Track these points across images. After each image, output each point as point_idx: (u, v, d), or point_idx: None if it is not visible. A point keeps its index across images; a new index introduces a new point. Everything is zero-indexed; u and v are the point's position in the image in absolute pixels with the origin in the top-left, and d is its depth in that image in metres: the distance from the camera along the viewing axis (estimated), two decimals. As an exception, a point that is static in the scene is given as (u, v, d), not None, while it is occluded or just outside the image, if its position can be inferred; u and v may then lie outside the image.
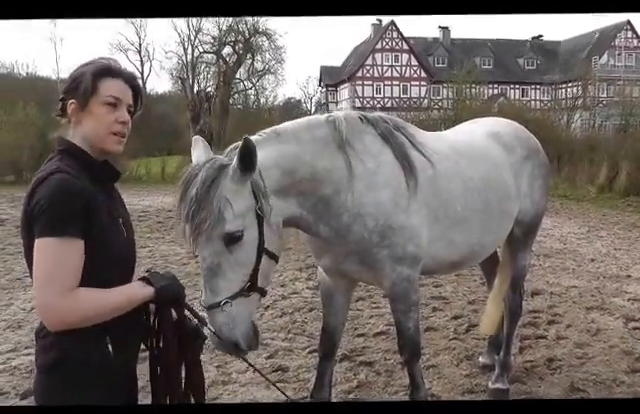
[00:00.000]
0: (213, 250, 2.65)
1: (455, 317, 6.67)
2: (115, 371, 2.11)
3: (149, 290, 2.13)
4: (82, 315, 1.96)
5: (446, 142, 4.11)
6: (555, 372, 5.15)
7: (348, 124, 3.43)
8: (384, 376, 5.06)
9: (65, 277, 1.92)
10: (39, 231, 1.93)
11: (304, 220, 3.31)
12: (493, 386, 4.68)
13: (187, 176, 2.72)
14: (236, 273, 2.70)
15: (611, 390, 4.81)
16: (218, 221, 2.60)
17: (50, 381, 2.06)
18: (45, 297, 1.92)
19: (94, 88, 2.10)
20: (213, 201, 2.60)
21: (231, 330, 2.67)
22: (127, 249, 2.22)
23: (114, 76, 2.15)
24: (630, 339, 5.95)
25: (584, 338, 5.97)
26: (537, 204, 4.56)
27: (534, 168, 4.53)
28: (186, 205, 2.62)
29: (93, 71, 2.12)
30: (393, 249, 3.52)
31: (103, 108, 2.11)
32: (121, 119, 2.15)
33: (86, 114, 2.11)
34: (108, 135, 2.13)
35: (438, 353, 5.57)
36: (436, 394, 4.67)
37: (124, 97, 2.17)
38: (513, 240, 4.57)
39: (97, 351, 2.05)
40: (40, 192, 1.95)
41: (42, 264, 1.92)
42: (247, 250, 2.74)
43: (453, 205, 3.82)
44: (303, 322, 6.51)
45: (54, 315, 1.94)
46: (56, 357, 2.02)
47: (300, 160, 3.17)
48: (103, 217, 2.07)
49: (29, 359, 5.33)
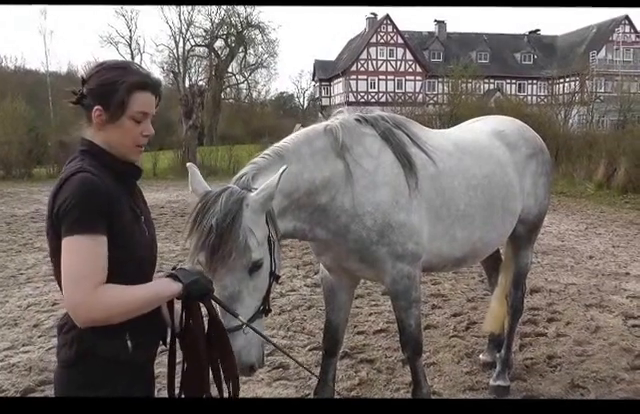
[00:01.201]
0: (235, 278, 2.67)
1: (454, 315, 6.67)
2: (136, 366, 2.14)
3: (177, 286, 2.13)
4: (113, 311, 1.96)
5: (450, 140, 4.12)
6: (555, 369, 5.16)
7: (346, 130, 3.46)
8: (385, 373, 5.06)
9: (95, 274, 1.93)
10: (66, 230, 1.93)
11: (299, 230, 3.35)
12: (494, 383, 4.69)
13: (202, 205, 2.73)
14: (253, 298, 2.74)
15: (611, 387, 4.83)
16: (245, 251, 2.65)
17: (72, 375, 2.08)
18: (76, 294, 1.92)
19: (127, 103, 2.08)
20: (239, 233, 2.64)
21: (249, 353, 2.72)
22: (149, 247, 2.23)
23: (145, 89, 2.13)
24: (630, 336, 5.96)
25: (583, 335, 5.98)
26: (540, 202, 4.58)
27: (538, 166, 4.55)
28: (203, 235, 2.63)
29: (129, 85, 2.08)
30: (393, 247, 3.55)
31: (131, 122, 2.10)
32: (146, 132, 2.15)
33: (114, 126, 2.10)
34: (133, 148, 2.14)
35: (438, 351, 5.58)
36: (437, 391, 4.68)
37: (151, 110, 2.16)
38: (516, 238, 4.59)
39: (118, 346, 2.07)
40: (64, 192, 1.96)
41: (71, 262, 1.92)
42: (263, 276, 2.79)
43: (456, 203, 3.83)
44: (302, 319, 6.51)
45: (85, 312, 1.93)
46: (78, 352, 2.04)
47: (300, 179, 3.21)
48: (126, 216, 2.08)
49: (27, 357, 5.34)
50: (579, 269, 8.87)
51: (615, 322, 6.41)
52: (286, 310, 6.81)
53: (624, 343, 5.75)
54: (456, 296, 7.42)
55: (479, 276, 8.09)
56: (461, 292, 7.60)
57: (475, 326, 6.23)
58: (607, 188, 17.58)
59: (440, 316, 6.63)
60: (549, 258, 9.57)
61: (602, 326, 6.25)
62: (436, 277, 8.08)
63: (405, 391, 4.66)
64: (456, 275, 8.25)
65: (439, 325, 6.33)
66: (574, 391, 4.75)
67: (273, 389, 4.76)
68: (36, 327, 6.17)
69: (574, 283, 8.02)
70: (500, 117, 5.07)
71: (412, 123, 3.95)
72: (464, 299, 7.28)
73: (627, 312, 6.73)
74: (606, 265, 9.12)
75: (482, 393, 4.70)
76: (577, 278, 8.32)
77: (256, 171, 3.03)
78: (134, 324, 2.04)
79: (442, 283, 7.97)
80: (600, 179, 18.02)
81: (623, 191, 16.79)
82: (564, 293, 7.54)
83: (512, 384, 4.75)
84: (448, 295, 7.46)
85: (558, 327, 6.22)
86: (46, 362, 5.20)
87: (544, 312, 6.71)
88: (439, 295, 7.44)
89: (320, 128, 3.45)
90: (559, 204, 15.35)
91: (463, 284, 7.97)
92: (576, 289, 7.71)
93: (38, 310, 6.72)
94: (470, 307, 6.94)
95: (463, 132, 4.52)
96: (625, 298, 7.32)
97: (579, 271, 8.75)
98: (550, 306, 6.96)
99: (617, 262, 9.33)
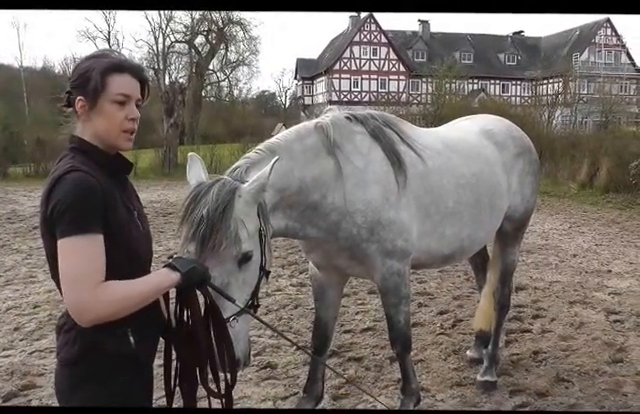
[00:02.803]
0: (224, 270, 2.65)
1: (441, 312, 6.72)
2: (138, 361, 2.14)
3: (176, 275, 2.13)
4: (114, 307, 1.96)
5: (439, 138, 4.16)
6: (541, 364, 5.24)
7: (336, 127, 3.48)
8: (373, 371, 5.09)
9: (94, 272, 1.93)
10: (62, 232, 1.92)
11: (290, 229, 3.36)
12: (481, 379, 4.75)
13: (193, 196, 2.73)
14: (242, 292, 2.72)
15: (594, 380, 4.92)
16: (235, 242, 2.63)
17: (75, 374, 2.07)
18: (76, 295, 1.92)
19: (103, 86, 2.06)
20: (230, 223, 2.63)
21: (235, 347, 2.66)
22: (145, 242, 2.22)
23: (122, 71, 2.11)
24: (612, 331, 6.08)
25: (568, 331, 6.07)
26: (527, 200, 4.64)
27: (525, 165, 4.61)
28: (194, 225, 2.62)
29: (101, 68, 2.07)
30: (382, 244, 3.57)
31: (113, 106, 2.08)
32: (131, 116, 2.12)
33: (96, 112, 2.08)
34: (120, 133, 2.11)
35: (425, 348, 5.62)
36: (425, 387, 4.71)
37: (133, 92, 2.13)
38: (503, 235, 4.64)
39: (120, 341, 2.07)
40: (57, 193, 1.94)
41: (69, 264, 1.92)
42: (253, 269, 2.78)
43: (445, 200, 3.87)
44: (289, 319, 6.51)
45: (88, 311, 1.93)
46: (81, 349, 2.03)
47: (291, 175, 3.22)
48: (120, 212, 2.08)
49: (8, 361, 5.24)
50: (563, 267, 8.98)
51: (598, 318, 6.51)
52: (273, 310, 6.81)
53: (606, 338, 5.87)
54: (442, 294, 7.47)
55: (465, 274, 8.16)
56: (447, 290, 7.66)
57: (461, 323, 6.29)
58: (590, 188, 17.74)
59: (427, 314, 6.67)
60: (534, 256, 9.66)
61: (585, 322, 6.35)
62: (422, 275, 8.13)
63: (394, 388, 4.69)
64: (442, 273, 8.30)
65: (426, 323, 6.37)
66: (559, 385, 4.83)
67: (262, 388, 4.76)
68: (17, 330, 6.04)
69: (558, 281, 8.12)
70: (488, 116, 5.12)
71: (401, 121, 3.99)
72: (450, 297, 7.33)
73: (609, 308, 6.85)
74: (589, 263, 9.24)
75: (469, 389, 4.75)
76: (561, 276, 8.42)
77: (249, 165, 3.04)
78: (135, 319, 2.04)
79: (428, 281, 8.02)
80: (583, 179, 18.17)
81: (605, 191, 16.96)
82: (549, 290, 7.63)
83: (499, 379, 4.81)
84: (434, 293, 7.51)
85: (543, 323, 6.30)
86: (29, 366, 5.13)
87: (529, 309, 6.79)
88: (425, 293, 7.48)
89: (311, 125, 3.47)
90: (543, 204, 15.47)
91: (449, 282, 8.02)
92: (560, 286, 7.81)
93: (19, 313, 6.58)
94: (456, 305, 7.00)
95: (452, 131, 4.56)
96: (607, 295, 7.45)
97: (563, 269, 8.85)
98: (535, 303, 7.04)
99: (600, 260, 9.45)
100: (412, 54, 58.96)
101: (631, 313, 6.65)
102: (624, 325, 6.27)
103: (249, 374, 4.91)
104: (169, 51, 46.69)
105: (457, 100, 35.76)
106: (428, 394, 4.65)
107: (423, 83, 49.54)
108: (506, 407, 4.48)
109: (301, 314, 6.64)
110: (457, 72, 41.13)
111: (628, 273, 8.60)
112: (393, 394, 4.59)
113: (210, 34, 46.20)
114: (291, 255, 9.48)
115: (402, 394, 4.07)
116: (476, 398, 4.62)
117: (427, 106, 33.97)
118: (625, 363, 5.27)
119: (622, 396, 4.66)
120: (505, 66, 60.05)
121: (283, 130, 3.69)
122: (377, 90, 55.31)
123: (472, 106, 32.72)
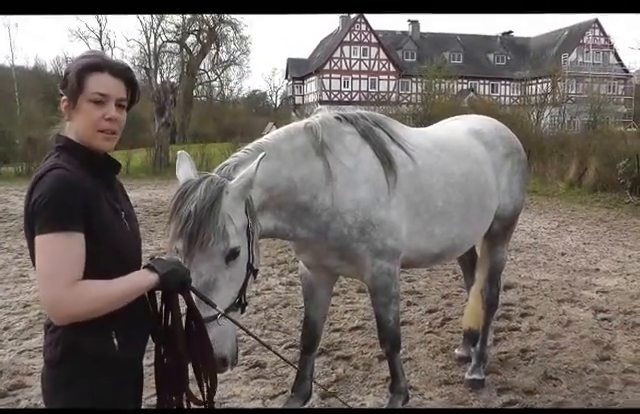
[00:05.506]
0: (211, 266, 2.65)
1: (429, 311, 6.74)
2: (122, 363, 2.11)
3: (154, 277, 2.10)
4: (88, 307, 1.94)
5: (429, 138, 4.18)
6: (529, 362, 5.27)
7: (326, 128, 3.49)
8: (362, 370, 5.09)
9: (68, 270, 1.91)
10: (39, 228, 1.92)
11: (280, 230, 3.37)
12: (470, 377, 4.76)
13: (181, 192, 2.72)
14: (229, 289, 2.72)
15: (582, 378, 4.95)
16: (222, 237, 2.64)
17: (58, 375, 2.06)
18: (50, 292, 1.91)
19: (80, 85, 2.05)
20: (218, 218, 2.63)
21: (222, 345, 2.67)
22: (131, 243, 2.20)
23: (101, 71, 2.09)
24: (599, 329, 6.12)
25: (556, 329, 6.10)
26: (516, 200, 4.67)
27: (514, 165, 4.64)
28: (181, 221, 2.62)
29: (79, 68, 2.07)
30: (372, 243, 3.58)
31: (89, 105, 2.06)
32: (108, 116, 2.08)
33: (76, 111, 2.08)
34: (95, 133, 2.08)
35: (414, 346, 5.63)
36: (414, 386, 4.72)
37: (112, 92, 2.10)
38: (492, 234, 4.66)
39: (104, 344, 2.05)
40: (38, 190, 1.94)
41: (44, 260, 1.91)
42: (240, 266, 2.77)
43: (434, 200, 3.88)
44: (278, 318, 6.51)
45: (60, 309, 1.92)
46: (64, 350, 2.02)
47: (279, 175, 3.23)
48: (105, 212, 2.06)
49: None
50: (551, 266, 9.03)
51: (586, 316, 6.55)
52: (262, 309, 6.80)
53: (594, 336, 5.91)
54: (431, 293, 7.49)
55: (453, 273, 8.19)
56: (435, 289, 7.68)
57: (450, 322, 6.31)
58: (578, 187, 17.85)
59: (415, 313, 6.69)
60: (522, 255, 9.72)
61: (573, 320, 6.39)
62: (411, 274, 8.15)
63: (382, 386, 4.70)
64: (430, 272, 8.32)
65: (414, 321, 6.39)
66: (547, 382, 4.86)
67: (250, 387, 4.76)
68: (7, 330, 6.00)
69: (547, 279, 8.17)
70: (478, 116, 5.16)
71: (391, 121, 4.00)
72: (439, 296, 7.35)
73: (597, 306, 6.89)
74: (577, 261, 9.30)
75: (458, 387, 4.76)
76: (549, 274, 8.47)
77: (237, 163, 3.05)
78: (120, 320, 2.03)
79: (417, 280, 8.04)
80: (571, 178, 18.30)
81: (593, 190, 17.07)
82: (537, 289, 7.67)
83: (487, 377, 4.83)
84: (423, 292, 7.52)
85: (531, 322, 6.34)
86: (18, 365, 5.10)
87: (518, 307, 6.82)
88: (414, 292, 7.50)
89: (301, 126, 3.48)
90: (532, 203, 15.56)
91: (437, 281, 8.05)
92: (548, 285, 7.85)
93: (8, 312, 6.54)
94: (445, 304, 7.02)
95: (441, 130, 4.58)
96: (595, 293, 7.50)
97: (551, 267, 8.90)
98: (523, 301, 7.07)
99: (588, 259, 9.51)
100: (402, 54, 59.07)
101: (618, 311, 6.70)
102: (611, 323, 6.32)
103: (238, 373, 4.90)
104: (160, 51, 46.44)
105: (447, 100, 35.92)
106: (416, 392, 4.66)
107: (413, 83, 49.74)
108: (494, 405, 4.51)
109: (290, 313, 6.64)
110: (447, 72, 41.32)
111: (616, 271, 8.66)
112: (381, 392, 4.60)
113: (201, 34, 46.07)
114: (281, 254, 9.47)
115: (390, 392, 4.09)
116: (464, 396, 4.63)
117: (417, 106, 34.11)
118: (612, 361, 5.31)
119: (609, 393, 4.69)
120: (494, 66, 60.27)
121: (274, 129, 3.69)
122: (367, 90, 55.52)
123: (461, 106, 32.91)
